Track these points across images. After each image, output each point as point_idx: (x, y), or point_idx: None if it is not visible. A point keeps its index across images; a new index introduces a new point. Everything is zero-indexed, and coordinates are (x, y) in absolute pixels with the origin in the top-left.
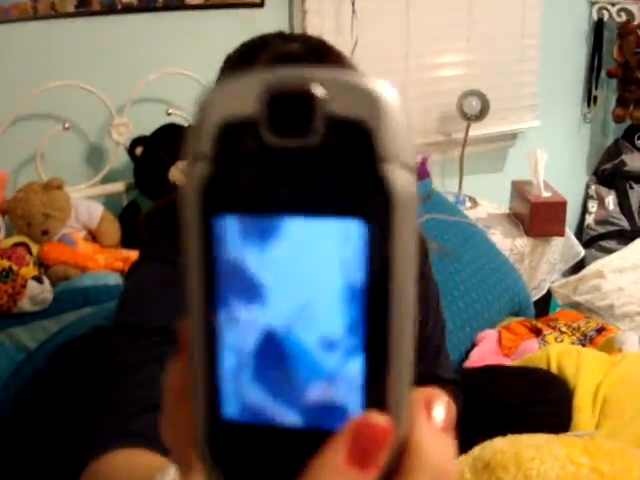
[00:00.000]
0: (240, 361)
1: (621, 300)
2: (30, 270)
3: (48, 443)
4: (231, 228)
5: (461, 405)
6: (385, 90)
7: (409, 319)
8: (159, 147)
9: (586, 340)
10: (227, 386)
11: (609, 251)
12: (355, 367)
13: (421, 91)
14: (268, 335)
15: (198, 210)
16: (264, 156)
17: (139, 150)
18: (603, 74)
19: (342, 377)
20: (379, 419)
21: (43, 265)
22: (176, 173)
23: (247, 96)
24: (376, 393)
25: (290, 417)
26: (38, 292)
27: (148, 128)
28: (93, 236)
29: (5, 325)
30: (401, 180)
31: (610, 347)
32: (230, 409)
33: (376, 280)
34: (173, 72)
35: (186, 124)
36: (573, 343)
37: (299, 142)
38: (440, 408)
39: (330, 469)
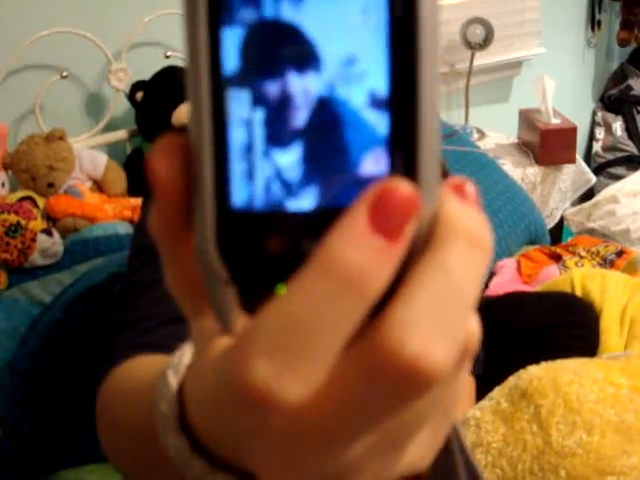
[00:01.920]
0: (252, 141)
1: (637, 224)
2: (38, 224)
3: (71, 393)
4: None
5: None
6: None
7: (436, 66)
8: (160, 91)
9: (606, 264)
10: (238, 170)
11: (618, 178)
12: (380, 129)
13: None
14: (290, 97)
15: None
16: None
17: (139, 95)
18: None
19: (364, 143)
20: (404, 184)
21: (51, 218)
22: (178, 117)
23: None
24: (403, 162)
25: (310, 196)
26: (48, 245)
27: (147, 72)
28: (99, 186)
29: (18, 280)
30: None
31: (633, 269)
32: (241, 197)
33: (399, 22)
34: (170, 13)
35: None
36: (593, 267)
37: None
38: (469, 187)
39: (350, 235)
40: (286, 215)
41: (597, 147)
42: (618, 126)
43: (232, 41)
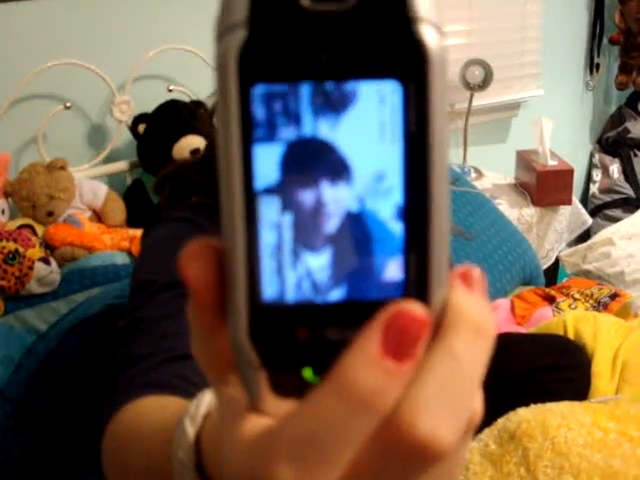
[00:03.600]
0: (281, 241)
1: (632, 267)
2: (36, 252)
3: (63, 423)
4: (269, 96)
5: None
6: None
7: (446, 180)
8: (162, 124)
9: (600, 306)
10: (267, 267)
11: (614, 220)
12: (395, 236)
13: None
14: (309, 206)
15: (235, 80)
16: (300, 20)
17: (142, 128)
18: (605, 41)
19: (384, 247)
20: (415, 308)
21: (49, 247)
22: (179, 150)
23: None
24: (417, 264)
25: (333, 291)
26: (46, 273)
27: (150, 105)
28: (98, 216)
29: (14, 308)
30: (434, 39)
31: (625, 312)
32: (271, 291)
33: (414, 140)
34: (173, 48)
35: (188, 100)
36: (587, 309)
37: (334, 5)
38: (476, 276)
39: (363, 359)
40: (312, 307)
41: (594, 189)
42: (615, 168)
43: (265, 155)
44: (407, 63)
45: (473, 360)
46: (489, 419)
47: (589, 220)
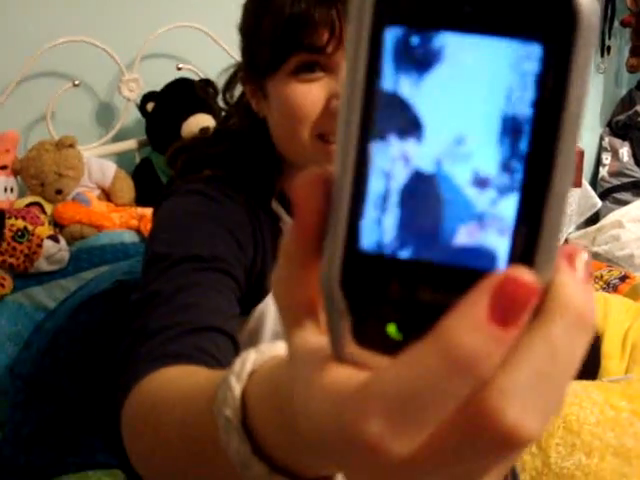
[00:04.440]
0: (388, 193)
1: None
2: (45, 229)
3: (73, 399)
4: (400, 42)
5: None
6: None
7: (572, 158)
8: (171, 102)
9: (609, 288)
10: (371, 217)
11: (624, 203)
12: (509, 208)
13: None
14: (420, 167)
15: (370, 21)
16: None
17: (150, 106)
18: (616, 24)
19: (494, 217)
20: (526, 275)
21: (58, 225)
22: (188, 128)
23: None
24: (527, 237)
25: (433, 253)
26: (54, 251)
27: (159, 83)
28: (107, 195)
29: (23, 285)
30: (588, 4)
31: (635, 294)
32: (369, 241)
33: (546, 111)
34: (183, 25)
35: (197, 78)
36: (597, 291)
37: None
38: (582, 259)
39: (468, 322)
40: (408, 265)
41: (603, 172)
42: (625, 152)
43: (387, 101)
44: (553, 23)
45: (571, 351)
46: None
47: (599, 203)
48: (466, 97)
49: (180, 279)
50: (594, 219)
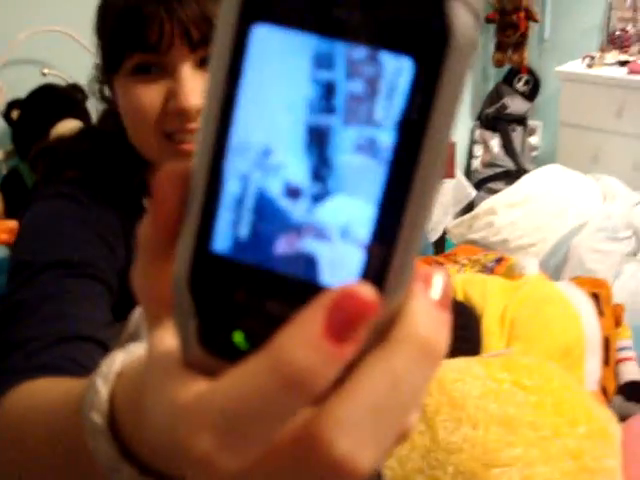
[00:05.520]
0: (240, 196)
1: (515, 234)
2: None
3: None
4: (268, 40)
5: None
6: None
7: (435, 180)
8: (37, 109)
9: (486, 271)
10: (222, 219)
11: (497, 192)
12: (364, 222)
13: None
14: (266, 174)
15: (237, 15)
16: None
17: (15, 114)
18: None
19: (345, 230)
20: (364, 291)
21: None
22: (56, 134)
23: None
24: (380, 253)
25: (278, 264)
26: None
27: (23, 90)
28: None
29: None
30: (465, 21)
31: (511, 273)
32: (219, 244)
33: (410, 130)
34: (46, 30)
35: (63, 83)
36: (474, 274)
37: None
38: (439, 281)
39: (302, 338)
40: (258, 273)
41: (476, 163)
42: (495, 143)
43: (249, 104)
44: (427, 40)
45: (413, 383)
46: None
47: (473, 192)
48: (326, 106)
49: (46, 287)
50: (470, 209)
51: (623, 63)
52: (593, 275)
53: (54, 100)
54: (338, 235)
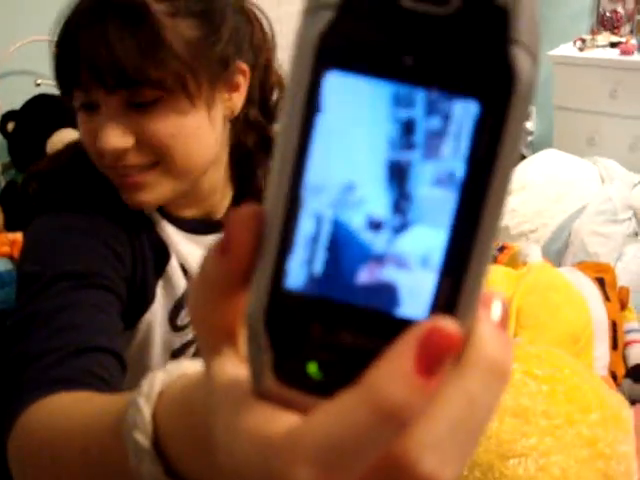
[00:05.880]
0: (315, 236)
1: (515, 220)
2: None
3: None
4: (341, 85)
5: None
6: None
7: (501, 209)
8: (32, 120)
9: None
10: (297, 257)
11: None
12: (434, 254)
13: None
14: (347, 210)
15: (311, 63)
16: (395, 17)
17: (11, 126)
18: None
19: (418, 264)
20: (450, 326)
21: None
22: (53, 145)
23: None
24: (452, 284)
25: (353, 297)
26: None
27: (17, 102)
28: None
29: None
30: (526, 65)
31: (515, 262)
32: (295, 281)
33: (478, 166)
34: (37, 40)
35: (57, 93)
36: None
37: (433, 8)
38: (498, 305)
39: (396, 374)
40: (332, 307)
41: None
42: None
43: (323, 148)
44: (493, 85)
45: (487, 400)
46: None
47: None
48: (400, 152)
49: (58, 299)
50: None
51: (614, 44)
52: (595, 258)
53: (49, 110)
54: (414, 265)
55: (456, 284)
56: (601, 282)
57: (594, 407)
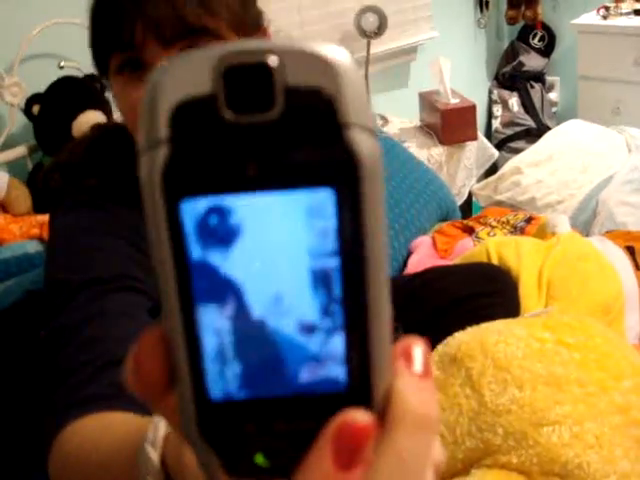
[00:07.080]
0: (222, 347)
1: (542, 192)
2: None
3: None
4: (198, 213)
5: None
6: (339, 55)
7: (385, 283)
8: (57, 102)
9: (517, 231)
10: (211, 370)
11: (519, 151)
12: (337, 340)
13: (318, 13)
14: (246, 325)
15: (162, 199)
16: (225, 134)
17: (36, 109)
18: None
19: (326, 354)
20: (358, 417)
21: None
22: (78, 127)
23: (200, 73)
24: (360, 362)
25: (277, 391)
26: None
27: (42, 84)
28: (3, 206)
29: None
30: (365, 143)
31: (543, 233)
32: (216, 391)
33: (350, 249)
34: (60, 22)
35: (81, 75)
36: (505, 235)
37: (259, 116)
38: (418, 352)
39: (319, 474)
40: (257, 404)
41: (496, 124)
42: (514, 102)
43: (200, 268)
44: (338, 171)
45: (418, 454)
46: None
47: (496, 153)
48: (274, 257)
49: (84, 309)
50: (493, 170)
51: (639, 12)
52: (623, 228)
53: (73, 92)
54: (321, 347)
55: (362, 353)
56: (631, 251)
57: (627, 374)
